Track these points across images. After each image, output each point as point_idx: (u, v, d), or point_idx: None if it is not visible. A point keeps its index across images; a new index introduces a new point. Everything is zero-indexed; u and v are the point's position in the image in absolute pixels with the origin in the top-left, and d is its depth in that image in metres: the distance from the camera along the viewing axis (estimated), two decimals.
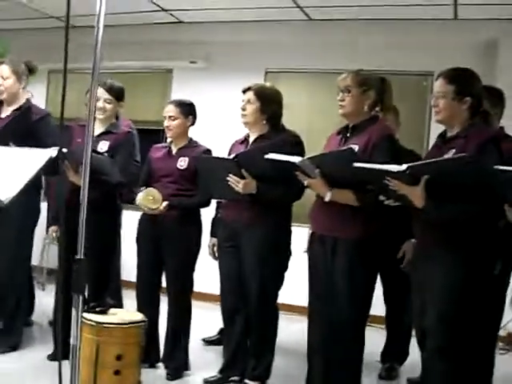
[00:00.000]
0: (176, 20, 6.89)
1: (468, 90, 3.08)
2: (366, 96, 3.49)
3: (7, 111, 4.37)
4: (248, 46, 6.75)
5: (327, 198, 3.33)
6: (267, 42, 6.64)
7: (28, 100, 4.44)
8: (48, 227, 4.45)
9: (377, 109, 3.59)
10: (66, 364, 2.18)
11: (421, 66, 5.99)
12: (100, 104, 4.11)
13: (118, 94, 4.27)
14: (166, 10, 6.58)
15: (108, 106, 4.19)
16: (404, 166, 2.86)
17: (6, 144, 3.86)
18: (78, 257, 2.14)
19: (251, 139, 3.97)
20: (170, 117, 4.16)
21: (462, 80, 3.10)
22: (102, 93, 4.12)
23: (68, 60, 2.38)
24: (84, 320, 3.27)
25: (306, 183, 3.40)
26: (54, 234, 4.41)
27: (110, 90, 4.19)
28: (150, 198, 3.99)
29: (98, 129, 4.18)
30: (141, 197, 4.00)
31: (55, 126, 4.33)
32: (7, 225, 4.15)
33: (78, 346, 2.10)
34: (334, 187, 3.32)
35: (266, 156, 3.45)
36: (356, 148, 3.33)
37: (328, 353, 3.49)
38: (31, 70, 4.47)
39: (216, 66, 6.95)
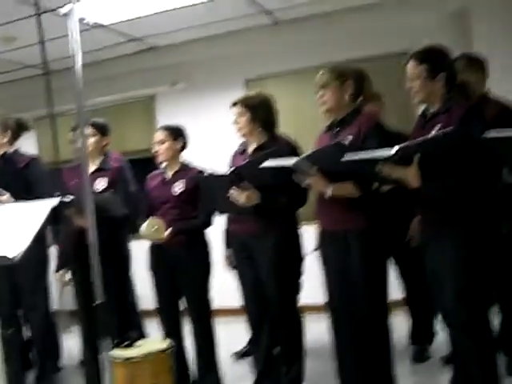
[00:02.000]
0: (149, 46, 6.94)
1: (440, 67, 3.13)
2: (345, 87, 3.51)
3: None
4: (223, 59, 6.81)
5: (328, 194, 3.35)
6: (241, 51, 6.69)
7: (15, 150, 4.48)
8: (56, 271, 4.50)
9: (360, 99, 3.62)
10: None
11: (396, 46, 5.98)
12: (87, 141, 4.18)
13: (101, 129, 4.33)
14: (138, 39, 6.63)
15: (93, 140, 4.23)
16: (393, 150, 2.88)
17: None
18: (98, 302, 2.19)
19: (250, 150, 4.00)
20: (158, 141, 4.20)
21: (432, 58, 3.15)
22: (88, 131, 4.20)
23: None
24: (113, 358, 3.32)
25: (304, 183, 3.43)
26: (62, 279, 4.46)
27: (93, 125, 4.24)
28: (153, 228, 4.02)
29: (90, 167, 4.24)
30: (144, 228, 4.02)
31: (44, 171, 4.40)
32: (20, 276, 4.20)
33: None
34: (333, 182, 3.34)
35: (262, 165, 3.48)
36: (350, 138, 3.37)
37: (356, 347, 3.52)
38: (21, 126, 4.52)
39: (197, 85, 6.99)
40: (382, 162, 2.94)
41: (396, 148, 2.85)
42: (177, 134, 4.21)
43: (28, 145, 4.77)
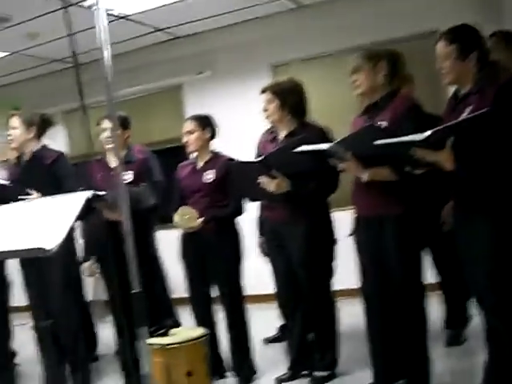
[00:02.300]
0: (173, 37, 6.95)
1: (471, 46, 3.05)
2: (379, 68, 3.44)
3: (24, 160, 4.48)
4: (248, 45, 6.80)
5: (364, 179, 3.32)
6: (266, 37, 6.67)
7: (43, 146, 4.52)
8: (83, 262, 4.55)
9: (394, 81, 3.53)
10: None
11: (425, 26, 5.90)
12: (106, 134, 4.22)
13: (122, 123, 4.35)
14: (163, 29, 6.64)
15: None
16: (426, 134, 2.85)
17: (23, 191, 3.97)
18: (134, 291, 2.21)
19: (281, 137, 3.98)
20: (187, 132, 4.22)
21: (462, 37, 3.07)
22: (106, 123, 4.25)
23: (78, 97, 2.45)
24: (149, 347, 3.34)
25: (340, 167, 3.41)
26: (90, 270, 4.51)
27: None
28: (185, 217, 4.05)
29: (114, 160, 4.28)
30: (177, 217, 4.06)
31: (71, 166, 4.44)
32: (51, 270, 4.24)
33: (150, 374, 2.17)
34: (368, 166, 3.31)
35: (296, 150, 3.45)
36: (384, 124, 3.32)
37: (391, 331, 3.51)
38: (46, 122, 4.56)
39: (223, 73, 7.00)
40: (415, 146, 2.91)
41: (429, 131, 2.82)
42: (205, 124, 4.22)
43: (58, 139, 4.80)
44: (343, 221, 3.97)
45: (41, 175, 4.23)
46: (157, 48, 7.12)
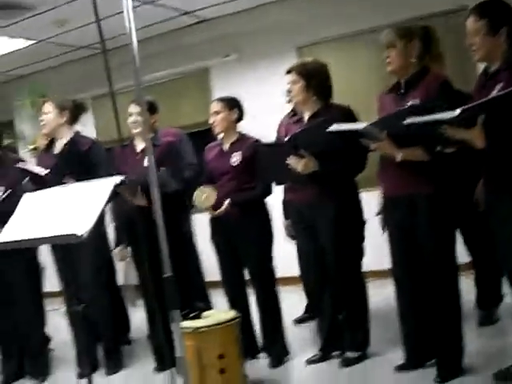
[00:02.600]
0: (199, 20, 6.93)
1: (501, 21, 3.00)
2: (412, 47, 3.40)
3: (59, 147, 4.53)
4: (274, 27, 6.75)
5: (399, 158, 3.29)
6: (291, 18, 6.62)
7: (77, 133, 4.57)
8: (115, 247, 4.58)
9: (425, 59, 3.49)
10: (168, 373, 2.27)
11: (455, 2, 5.78)
12: (133, 118, 4.23)
13: (149, 107, 4.35)
14: (188, 13, 6.63)
15: (141, 119, 4.26)
16: (457, 111, 2.81)
17: (62, 178, 4.02)
18: (166, 275, 2.23)
19: (305, 118, 3.96)
20: (214, 112, 4.21)
21: (492, 12, 3.02)
22: (133, 108, 4.26)
23: (106, 83, 2.45)
24: (182, 330, 3.37)
25: (373, 147, 3.39)
26: (121, 255, 4.56)
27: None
28: (203, 197, 4.01)
29: (140, 145, 4.30)
30: (195, 197, 4.03)
31: (105, 153, 4.47)
32: (82, 255, 4.29)
33: (184, 357, 2.20)
34: (400, 146, 3.29)
35: (330, 129, 3.43)
36: (417, 102, 3.29)
37: (423, 311, 3.51)
38: (79, 107, 4.60)
39: (249, 55, 6.99)
40: (446, 124, 2.88)
41: (459, 109, 2.78)
42: (232, 105, 4.22)
43: (86, 125, 4.84)
44: (369, 202, 3.96)
45: (77, 162, 4.27)
46: (183, 32, 7.12)
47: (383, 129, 3.25)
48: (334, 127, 3.41)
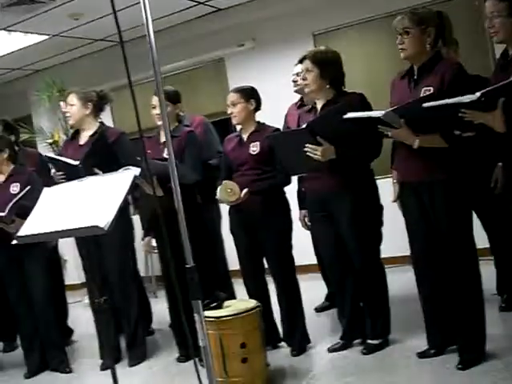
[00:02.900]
0: (213, 9, 6.92)
1: None
2: (426, 34, 3.37)
3: (84, 138, 4.55)
4: (289, 15, 6.72)
5: (416, 145, 3.28)
6: (306, 5, 6.58)
7: (102, 124, 4.59)
8: (142, 239, 4.60)
9: (438, 45, 3.48)
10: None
11: None
12: (157, 111, 4.24)
13: (172, 97, 4.37)
14: (202, 3, 6.62)
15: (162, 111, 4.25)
16: (477, 94, 2.79)
17: (91, 169, 4.03)
18: (188, 265, 2.24)
19: (319, 106, 3.95)
20: (232, 104, 4.20)
21: None
22: (156, 100, 4.25)
23: (123, 75, 2.46)
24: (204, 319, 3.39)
25: (390, 134, 3.38)
26: (149, 245, 4.57)
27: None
28: (228, 191, 4.04)
29: (163, 136, 4.31)
30: (219, 191, 4.06)
31: (131, 144, 4.49)
32: (108, 246, 4.32)
33: (207, 346, 2.21)
34: (418, 133, 3.27)
35: (346, 116, 3.43)
36: (431, 90, 3.28)
37: (444, 296, 3.50)
38: (103, 98, 4.62)
39: (265, 43, 6.95)
40: (466, 106, 2.85)
41: (479, 92, 2.76)
42: (249, 95, 4.21)
43: (104, 117, 4.85)
44: (384, 188, 3.97)
45: (104, 154, 4.29)
46: (198, 22, 7.10)
47: (403, 116, 3.23)
48: (352, 114, 3.41)
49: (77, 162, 4.14)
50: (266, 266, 4.31)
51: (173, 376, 4.22)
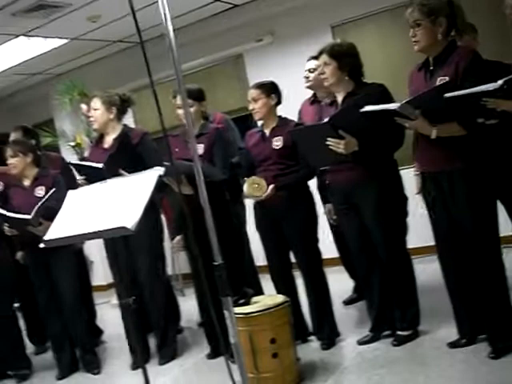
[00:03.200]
0: (230, 5, 6.91)
1: None
2: (438, 24, 3.34)
3: (109, 142, 4.57)
4: (306, 7, 6.69)
5: (433, 135, 3.26)
6: None
7: (125, 126, 4.61)
8: (172, 238, 4.61)
9: (452, 33, 3.44)
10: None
11: None
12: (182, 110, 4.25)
13: (196, 95, 4.38)
14: (219, 0, 6.61)
15: (190, 110, 4.27)
16: (500, 82, 2.76)
17: (116, 172, 4.06)
18: (216, 263, 2.25)
19: (339, 99, 3.94)
20: (253, 100, 4.20)
21: None
22: (180, 99, 4.26)
23: (143, 75, 2.47)
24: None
25: (407, 126, 3.37)
26: (179, 244, 4.58)
27: (187, 93, 4.28)
28: (255, 186, 4.04)
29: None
30: (246, 187, 4.06)
31: (154, 144, 4.51)
32: (137, 246, 4.34)
33: (238, 343, 2.22)
34: (436, 122, 3.25)
35: (363, 109, 3.42)
36: (446, 79, 3.25)
37: (471, 285, 3.48)
38: (126, 101, 4.64)
39: (283, 37, 6.93)
40: (489, 95, 2.82)
41: (503, 80, 2.73)
42: (270, 90, 4.20)
43: (126, 118, 4.87)
44: (407, 179, 3.96)
45: (129, 155, 4.31)
46: (216, 19, 7.10)
47: (418, 107, 3.22)
48: (369, 108, 3.40)
49: (100, 165, 4.17)
50: (293, 260, 4.30)
51: (203, 373, 4.24)
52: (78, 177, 4.27)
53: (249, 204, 4.47)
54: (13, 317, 4.92)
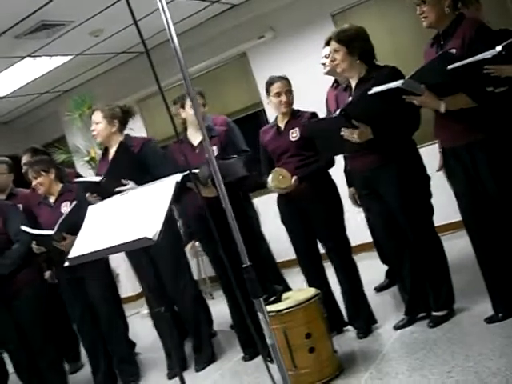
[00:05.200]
0: (229, 6, 6.89)
1: None
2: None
3: (112, 154, 4.52)
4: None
5: (442, 109, 3.26)
6: None
7: (126, 136, 4.58)
8: (185, 245, 4.59)
9: (459, 6, 3.44)
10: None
11: None
12: (184, 115, 4.24)
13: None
14: (216, 1, 6.59)
15: (192, 112, 4.25)
16: (498, 48, 2.75)
17: (118, 182, 4.07)
18: (245, 265, 2.23)
19: (353, 84, 3.90)
20: (288, 92, 4.19)
21: None
22: (189, 103, 4.26)
23: (150, 84, 2.45)
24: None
25: (416, 103, 3.34)
26: (193, 250, 4.57)
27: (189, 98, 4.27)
28: (280, 178, 4.02)
29: (196, 137, 4.32)
30: (271, 180, 4.04)
31: (158, 150, 4.50)
32: (161, 254, 4.33)
33: (275, 343, 2.20)
34: (444, 96, 3.22)
35: (369, 92, 3.41)
36: (454, 51, 3.21)
37: (502, 259, 3.44)
38: (127, 113, 4.62)
39: (284, 32, 6.93)
40: (490, 62, 2.80)
41: (501, 46, 2.71)
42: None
43: (136, 128, 4.87)
44: (428, 157, 3.92)
45: (130, 164, 4.29)
46: (216, 20, 7.10)
47: (422, 81, 3.19)
48: (375, 90, 3.38)
49: (99, 178, 4.16)
50: (321, 251, 4.27)
51: (242, 375, 4.21)
52: (87, 195, 4.25)
53: (262, 201, 4.44)
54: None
